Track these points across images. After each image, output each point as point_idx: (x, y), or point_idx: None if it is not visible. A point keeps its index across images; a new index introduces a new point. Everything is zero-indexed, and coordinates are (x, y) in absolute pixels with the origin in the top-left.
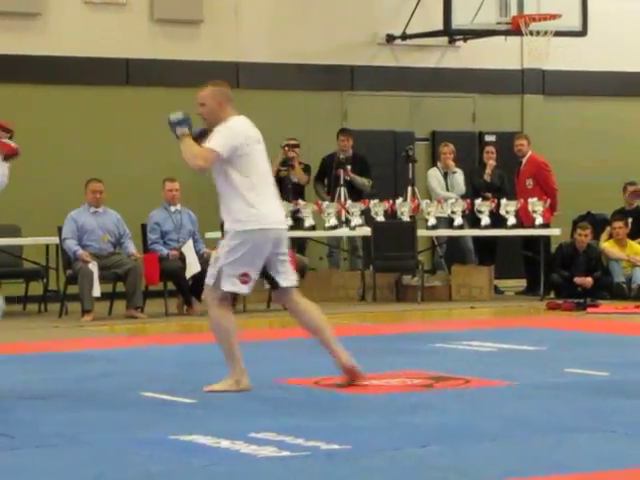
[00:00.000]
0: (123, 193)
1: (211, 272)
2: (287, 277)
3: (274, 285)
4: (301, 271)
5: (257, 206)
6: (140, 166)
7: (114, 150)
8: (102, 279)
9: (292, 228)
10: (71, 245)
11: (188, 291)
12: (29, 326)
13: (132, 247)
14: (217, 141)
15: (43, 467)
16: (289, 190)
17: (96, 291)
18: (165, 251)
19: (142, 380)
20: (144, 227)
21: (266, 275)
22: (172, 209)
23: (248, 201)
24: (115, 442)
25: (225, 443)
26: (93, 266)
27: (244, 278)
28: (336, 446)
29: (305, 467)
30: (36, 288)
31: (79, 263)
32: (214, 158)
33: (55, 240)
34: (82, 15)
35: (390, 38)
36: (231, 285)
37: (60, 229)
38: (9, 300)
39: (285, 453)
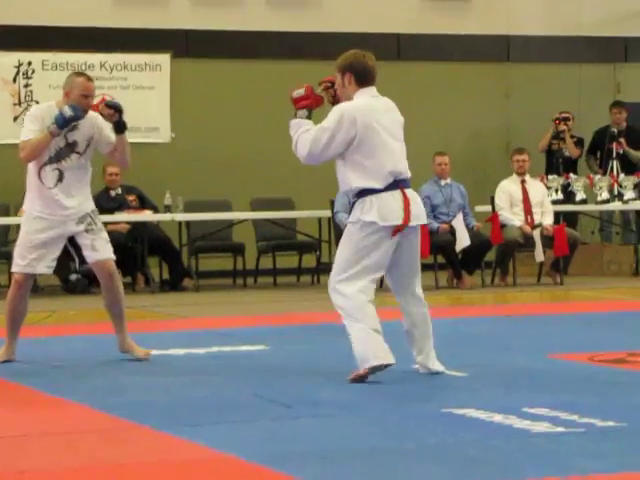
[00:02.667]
0: None
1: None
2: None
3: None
4: (572, 245)
5: None
6: (411, 140)
7: None
8: None
9: (562, 202)
10: (343, 218)
11: (458, 264)
12: (302, 297)
13: None
14: None
15: (319, 436)
16: (560, 164)
17: None
18: (435, 225)
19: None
20: None
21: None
22: (442, 183)
23: None
24: (389, 413)
25: (498, 417)
26: None
27: None
28: (612, 423)
29: (580, 443)
30: (309, 260)
31: None
32: None
33: (327, 213)
34: None
35: None
36: None
37: (332, 202)
38: (284, 272)
39: (559, 429)
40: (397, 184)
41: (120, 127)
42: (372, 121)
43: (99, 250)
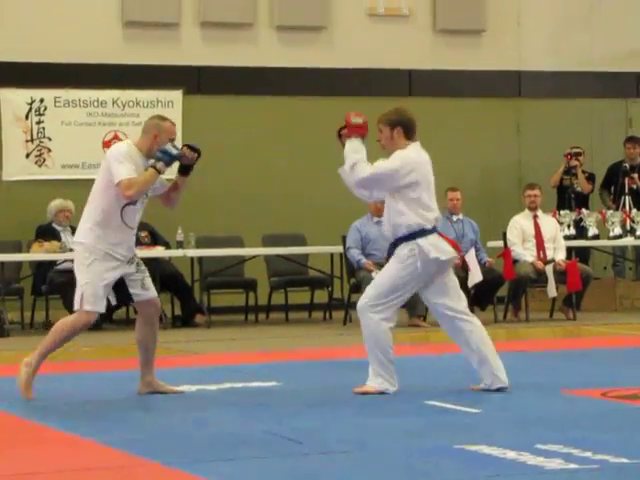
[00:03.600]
0: None
1: None
2: None
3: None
4: (585, 280)
5: None
6: None
7: None
8: None
9: (575, 237)
10: (355, 254)
11: (470, 300)
12: (314, 333)
13: None
14: None
15: (331, 473)
16: (572, 199)
17: None
18: None
19: (426, 389)
20: None
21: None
22: (454, 218)
23: None
24: (401, 450)
25: (511, 454)
26: (376, 275)
27: None
28: (625, 460)
29: None
30: (321, 296)
31: (363, 272)
32: None
33: (339, 249)
34: (366, 27)
35: None
36: None
37: (344, 238)
38: (296, 308)
39: (573, 466)
40: (435, 228)
41: (189, 170)
42: (424, 171)
43: (149, 288)
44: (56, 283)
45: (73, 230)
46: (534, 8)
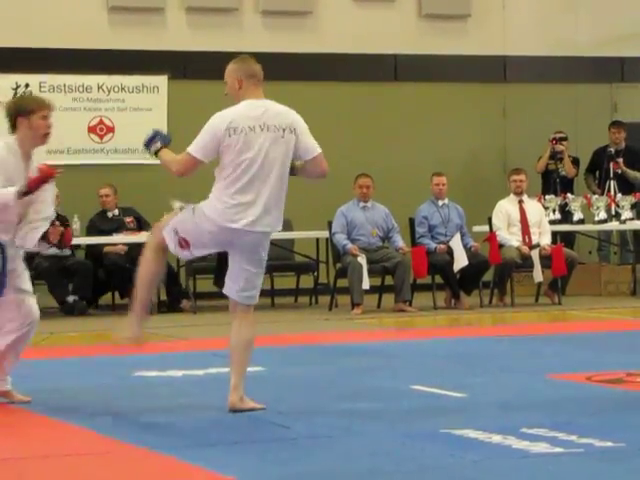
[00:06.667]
0: (391, 188)
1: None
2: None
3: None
4: (570, 265)
5: (222, 202)
6: (408, 161)
7: (382, 145)
8: (371, 272)
9: (560, 222)
10: (341, 239)
11: (456, 284)
12: (300, 318)
13: (400, 241)
14: (194, 142)
15: (318, 458)
16: (557, 183)
17: (365, 284)
18: (433, 245)
19: (411, 373)
20: (412, 221)
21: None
22: (440, 203)
23: (215, 195)
24: (388, 435)
25: (497, 438)
26: (362, 260)
27: (182, 242)
28: (610, 443)
29: (578, 464)
30: (307, 281)
31: (349, 257)
32: (188, 162)
33: (325, 234)
34: (351, 12)
35: None
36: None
37: (330, 223)
38: (282, 293)
39: (558, 450)
40: None
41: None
42: None
43: None
44: (42, 269)
45: (58, 216)
46: None
